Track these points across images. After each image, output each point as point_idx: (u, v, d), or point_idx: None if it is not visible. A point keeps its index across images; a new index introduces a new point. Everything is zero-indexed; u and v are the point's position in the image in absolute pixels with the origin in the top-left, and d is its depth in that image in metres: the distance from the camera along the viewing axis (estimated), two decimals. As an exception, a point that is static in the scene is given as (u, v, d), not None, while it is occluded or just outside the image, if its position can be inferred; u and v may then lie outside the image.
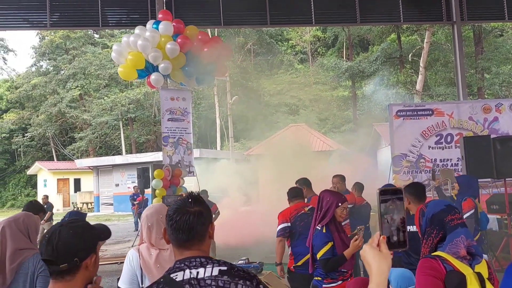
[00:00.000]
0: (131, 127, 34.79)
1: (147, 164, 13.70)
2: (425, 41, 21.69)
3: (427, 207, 1.94)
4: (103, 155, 33.50)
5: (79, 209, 28.20)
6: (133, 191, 16.83)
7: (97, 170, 27.30)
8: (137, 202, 15.67)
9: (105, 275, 2.39)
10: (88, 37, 37.86)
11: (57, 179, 30.65)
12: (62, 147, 35.68)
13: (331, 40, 34.64)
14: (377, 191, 1.15)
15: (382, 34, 26.78)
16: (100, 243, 1.71)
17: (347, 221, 5.05)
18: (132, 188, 18.61)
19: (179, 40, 6.29)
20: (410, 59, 25.77)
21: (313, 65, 35.00)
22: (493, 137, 6.07)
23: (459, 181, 4.99)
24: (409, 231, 1.73)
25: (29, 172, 32.85)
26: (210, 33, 30.06)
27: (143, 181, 8.76)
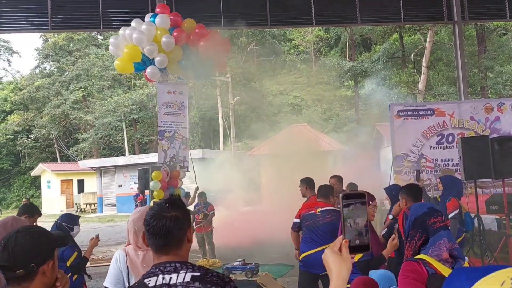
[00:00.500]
0: (134, 128, 34.90)
1: (149, 165, 13.74)
2: (428, 40, 21.62)
3: (410, 210, 1.95)
4: (107, 156, 33.62)
5: (83, 210, 28.34)
6: (137, 191, 16.88)
7: (100, 171, 27.40)
8: (139, 201, 15.74)
9: (105, 276, 2.46)
10: (91, 38, 38.01)
11: (61, 180, 30.79)
12: (65, 148, 35.85)
13: (333, 40, 34.59)
14: (340, 195, 1.16)
15: (384, 33, 26.72)
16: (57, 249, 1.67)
17: None
18: (135, 188, 18.68)
19: (175, 33, 6.18)
20: (412, 59, 25.70)
21: (315, 65, 34.96)
22: (491, 137, 6.05)
23: (443, 181, 4.99)
24: None
25: (33, 173, 33.03)
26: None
27: (144, 182, 8.77)
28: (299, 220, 4.67)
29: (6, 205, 35.46)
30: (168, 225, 1.51)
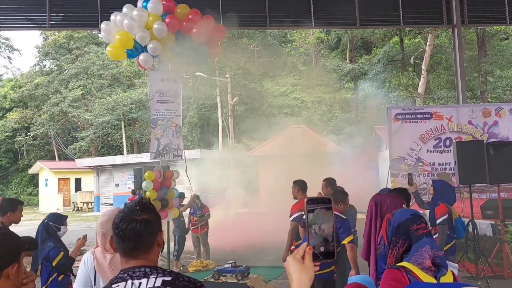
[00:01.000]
0: (133, 127, 34.86)
1: (145, 164, 13.70)
2: (428, 44, 21.61)
3: (393, 216, 1.91)
4: (105, 154, 33.58)
5: (80, 208, 28.28)
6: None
7: (98, 170, 27.35)
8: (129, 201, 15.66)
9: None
10: (92, 37, 37.97)
11: (58, 179, 30.75)
12: (63, 146, 35.81)
13: (334, 42, 34.59)
14: (305, 200, 1.12)
15: (384, 36, 26.70)
16: (24, 253, 1.65)
17: None
18: (132, 188, 18.59)
19: (167, 19, 6.01)
20: (412, 62, 25.68)
21: (316, 67, 34.95)
22: (486, 142, 6.01)
23: (435, 186, 4.95)
24: None
25: (31, 171, 32.99)
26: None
27: (140, 181, 8.71)
28: (302, 213, 4.73)
29: (3, 202, 35.41)
30: (138, 229, 1.46)
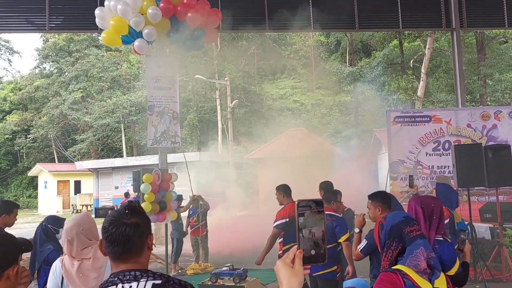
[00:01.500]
0: (133, 130, 34.85)
1: (145, 167, 13.66)
2: (427, 47, 21.65)
3: (386, 219, 1.91)
4: (105, 157, 33.56)
5: (79, 211, 28.24)
6: (125, 198, 16.56)
7: (97, 172, 27.34)
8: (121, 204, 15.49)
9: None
10: (92, 39, 38.02)
11: (58, 181, 30.72)
12: (63, 149, 35.80)
13: (333, 45, 34.66)
14: (296, 202, 1.10)
15: (384, 40, 26.75)
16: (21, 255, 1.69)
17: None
18: (131, 190, 18.54)
19: (162, 4, 5.93)
20: (411, 65, 25.71)
21: (315, 70, 35.01)
22: (485, 145, 6.02)
23: (437, 188, 4.93)
24: None
25: (30, 173, 32.97)
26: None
27: (139, 184, 8.70)
28: (287, 220, 4.88)
29: (3, 205, 35.35)
30: (127, 232, 1.46)
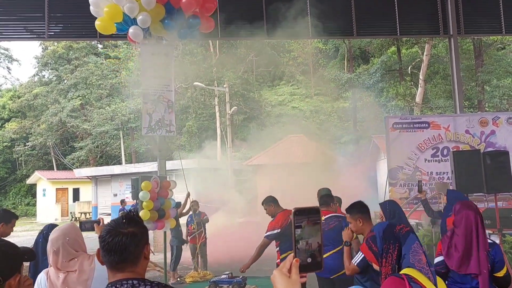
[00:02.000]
0: (131, 137, 34.85)
1: (144, 174, 13.66)
2: (425, 54, 21.76)
3: (374, 229, 1.97)
4: (103, 164, 33.51)
5: (77, 219, 28.14)
6: (121, 206, 16.50)
7: (96, 179, 27.28)
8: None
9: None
10: (91, 47, 38.17)
11: (56, 189, 30.65)
12: (62, 156, 35.76)
13: (332, 52, 34.81)
14: (292, 211, 1.10)
15: (382, 46, 26.88)
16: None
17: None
18: (130, 198, 18.47)
19: None
20: (409, 72, 25.82)
21: (314, 77, 35.15)
22: (483, 151, 6.02)
23: (448, 195, 4.90)
24: None
25: (29, 181, 32.90)
26: (211, 45, 30.19)
27: (137, 191, 8.68)
28: (279, 230, 4.97)
29: (1, 213, 35.20)
30: (124, 242, 1.47)
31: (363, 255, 2.84)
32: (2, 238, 3.83)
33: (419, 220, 8.28)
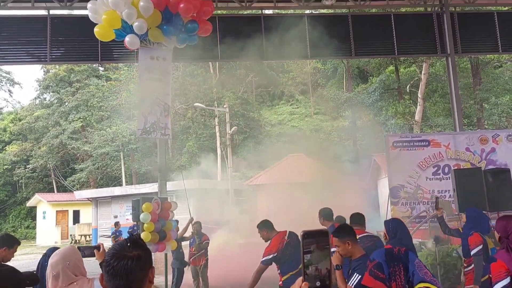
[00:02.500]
0: (132, 158, 34.85)
1: (145, 195, 13.63)
2: (423, 72, 21.96)
3: (373, 255, 2.03)
4: (104, 186, 33.40)
5: (77, 241, 27.89)
6: (115, 228, 16.46)
7: (96, 201, 27.14)
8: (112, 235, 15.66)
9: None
10: (92, 70, 38.54)
11: (56, 211, 30.47)
12: (62, 178, 35.69)
13: (330, 71, 35.15)
14: (301, 234, 1.10)
15: (380, 66, 27.13)
16: None
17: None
18: (131, 219, 18.37)
19: None
20: (408, 90, 25.99)
21: (313, 96, 35.39)
22: (484, 169, 6.03)
23: (467, 213, 4.78)
24: None
25: (29, 203, 32.74)
26: (211, 66, 30.47)
27: (138, 213, 8.64)
28: (276, 254, 4.91)
29: (0, 236, 34.92)
30: (129, 265, 1.45)
31: (359, 276, 2.79)
32: (3, 263, 3.81)
33: (422, 239, 8.19)
